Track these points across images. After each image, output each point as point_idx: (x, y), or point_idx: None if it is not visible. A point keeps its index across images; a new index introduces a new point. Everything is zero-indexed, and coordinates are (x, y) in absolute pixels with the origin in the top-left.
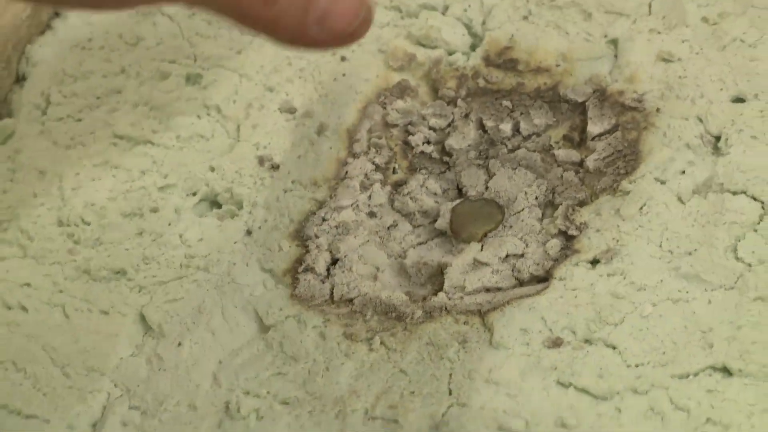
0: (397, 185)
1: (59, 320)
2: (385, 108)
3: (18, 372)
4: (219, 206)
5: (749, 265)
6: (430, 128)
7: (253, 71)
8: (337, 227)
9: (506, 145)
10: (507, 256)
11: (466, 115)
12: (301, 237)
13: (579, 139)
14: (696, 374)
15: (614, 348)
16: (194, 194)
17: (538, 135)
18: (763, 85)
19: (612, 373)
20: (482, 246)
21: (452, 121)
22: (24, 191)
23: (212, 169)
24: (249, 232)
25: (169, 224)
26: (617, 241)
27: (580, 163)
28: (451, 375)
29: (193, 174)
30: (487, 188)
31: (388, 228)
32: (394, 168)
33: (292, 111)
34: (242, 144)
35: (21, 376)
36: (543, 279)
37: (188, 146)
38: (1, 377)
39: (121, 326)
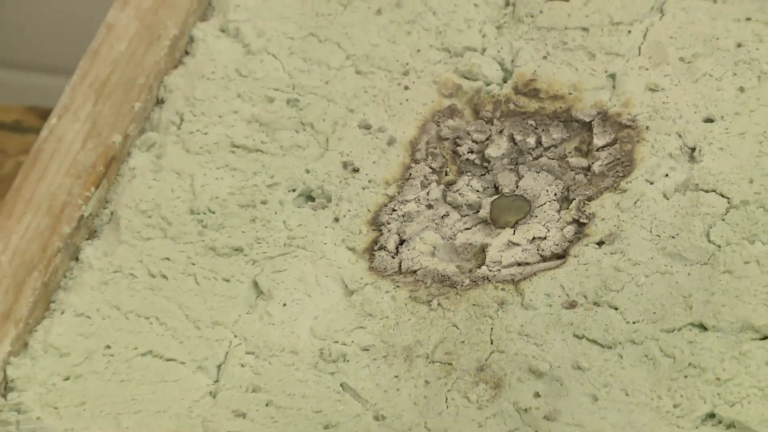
0: (449, 184)
1: (191, 286)
2: (438, 125)
3: (160, 325)
4: (313, 200)
5: (719, 246)
6: (473, 141)
7: (338, 97)
8: (403, 216)
9: (531, 154)
10: (533, 238)
11: (501, 131)
12: (376, 223)
13: (587, 150)
14: (679, 329)
15: (616, 309)
16: (294, 190)
17: (556, 146)
18: (726, 109)
19: (615, 328)
20: (514, 231)
21: (490, 135)
22: (164, 187)
23: (307, 171)
24: (336, 219)
25: (275, 213)
26: (618, 227)
27: (588, 168)
28: (492, 329)
29: (293, 175)
30: (517, 187)
31: (442, 217)
32: (446, 171)
33: (368, 127)
34: (330, 152)
35: (163, 328)
36: (561, 256)
37: (289, 154)
38: (148, 329)
39: (239, 291)
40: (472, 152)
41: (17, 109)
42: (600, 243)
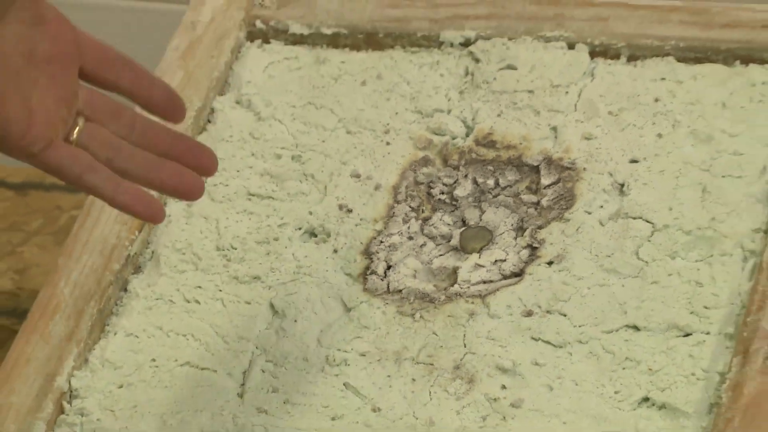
0: (425, 220)
1: (219, 308)
2: (415, 173)
3: (195, 341)
4: (315, 236)
5: (647, 262)
6: (444, 184)
7: (333, 152)
8: (389, 246)
9: (491, 193)
10: (496, 261)
11: (465, 176)
12: (367, 253)
13: (536, 188)
14: (617, 330)
15: (565, 315)
16: (300, 229)
17: (511, 186)
18: (647, 152)
19: (564, 331)
20: (480, 255)
21: (457, 179)
22: (194, 230)
23: (310, 213)
24: (335, 251)
25: (286, 247)
26: (563, 249)
27: (538, 203)
28: (464, 335)
29: (299, 216)
30: (481, 220)
31: (421, 246)
32: (422, 209)
33: (358, 176)
34: (328, 197)
35: (197, 343)
36: (518, 274)
37: (295, 199)
38: (185, 345)
39: (258, 311)
40: (443, 193)
41: None
42: (550, 263)
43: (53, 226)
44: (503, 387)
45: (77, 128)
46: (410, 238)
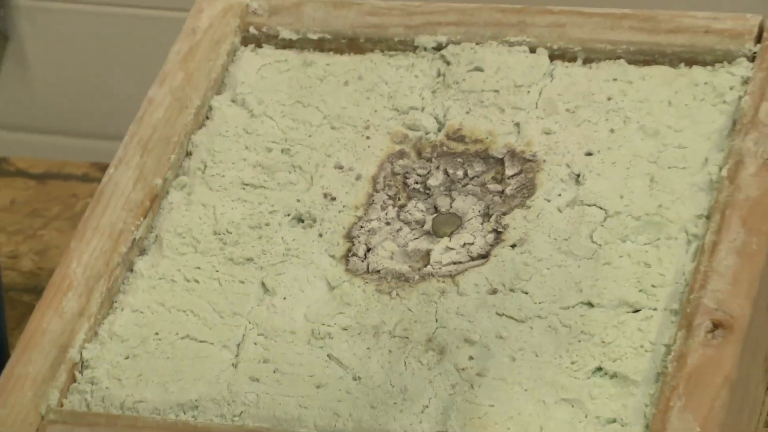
0: (401, 207)
1: (216, 287)
2: (392, 164)
3: (195, 316)
4: (303, 221)
5: (600, 245)
6: (418, 174)
7: (318, 146)
8: (368, 231)
9: (460, 183)
10: (464, 244)
11: (437, 167)
12: (349, 237)
13: (501, 178)
14: (573, 306)
15: (526, 293)
16: (289, 215)
17: (478, 177)
18: (601, 145)
19: (526, 307)
20: (450, 239)
21: (429, 170)
22: (193, 216)
23: (298, 201)
24: (320, 235)
25: (276, 232)
26: (525, 234)
27: (502, 192)
28: (436, 311)
29: (288, 204)
30: (451, 207)
31: (397, 230)
32: (399, 197)
33: (341, 167)
34: (314, 187)
35: (196, 318)
36: (484, 256)
37: (284, 189)
38: (185, 320)
39: (251, 289)
40: (417, 183)
41: (85, 165)
42: (513, 246)
43: (70, 212)
44: (470, 358)
45: None
46: (387, 223)
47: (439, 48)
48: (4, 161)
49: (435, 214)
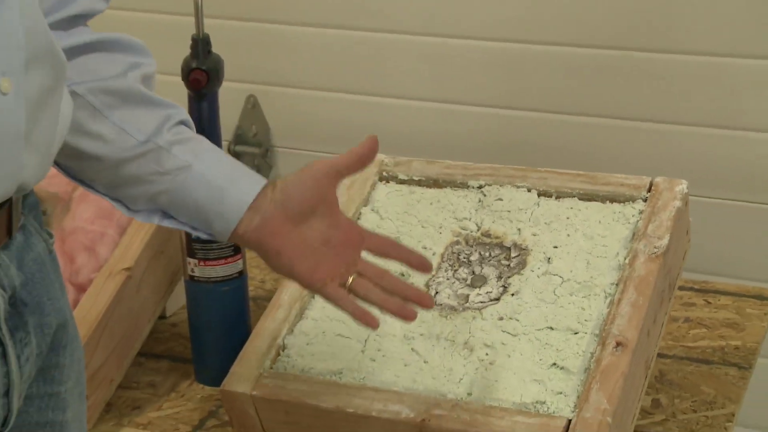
0: (455, 270)
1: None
2: (452, 248)
3: (343, 324)
4: (403, 275)
5: (558, 296)
6: (465, 254)
7: (414, 236)
8: (437, 282)
9: (487, 260)
10: (487, 292)
11: (476, 250)
12: (427, 285)
13: (508, 258)
14: (542, 329)
15: (518, 320)
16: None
17: (496, 257)
18: (562, 243)
19: (517, 328)
20: (480, 289)
21: (471, 252)
22: None
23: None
24: (412, 284)
25: None
26: (519, 289)
27: (509, 265)
28: (470, 328)
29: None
30: (482, 272)
31: (452, 284)
32: (454, 266)
33: (425, 248)
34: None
35: (344, 325)
36: (497, 299)
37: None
38: (339, 325)
39: (373, 309)
40: (464, 259)
41: None
42: (512, 294)
43: None
44: (486, 354)
45: (350, 280)
46: (447, 279)
47: (480, 187)
48: None
49: (472, 275)
